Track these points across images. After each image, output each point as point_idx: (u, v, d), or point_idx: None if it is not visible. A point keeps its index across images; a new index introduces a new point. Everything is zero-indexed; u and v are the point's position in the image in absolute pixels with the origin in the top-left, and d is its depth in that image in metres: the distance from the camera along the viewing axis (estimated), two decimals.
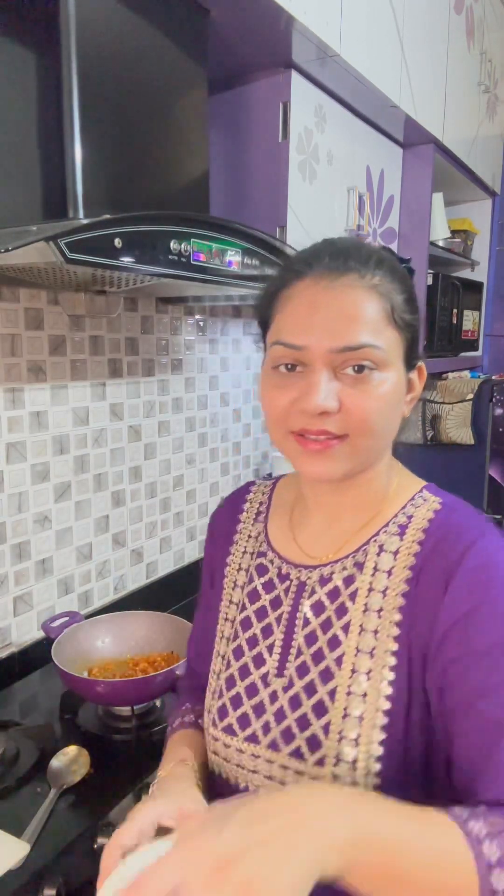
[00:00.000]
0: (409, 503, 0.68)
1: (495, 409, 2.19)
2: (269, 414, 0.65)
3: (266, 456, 2.08)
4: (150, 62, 1.09)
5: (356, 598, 0.65)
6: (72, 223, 0.82)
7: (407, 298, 0.64)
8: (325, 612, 0.66)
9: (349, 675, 0.62)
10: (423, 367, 0.68)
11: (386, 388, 0.61)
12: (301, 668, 0.65)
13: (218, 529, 0.81)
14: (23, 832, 0.84)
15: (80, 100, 0.98)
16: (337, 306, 0.60)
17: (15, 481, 1.28)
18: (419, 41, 1.73)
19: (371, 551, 0.66)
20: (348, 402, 0.60)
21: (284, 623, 0.68)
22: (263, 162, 1.44)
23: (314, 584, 0.68)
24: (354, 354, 0.60)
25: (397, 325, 0.62)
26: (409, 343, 0.64)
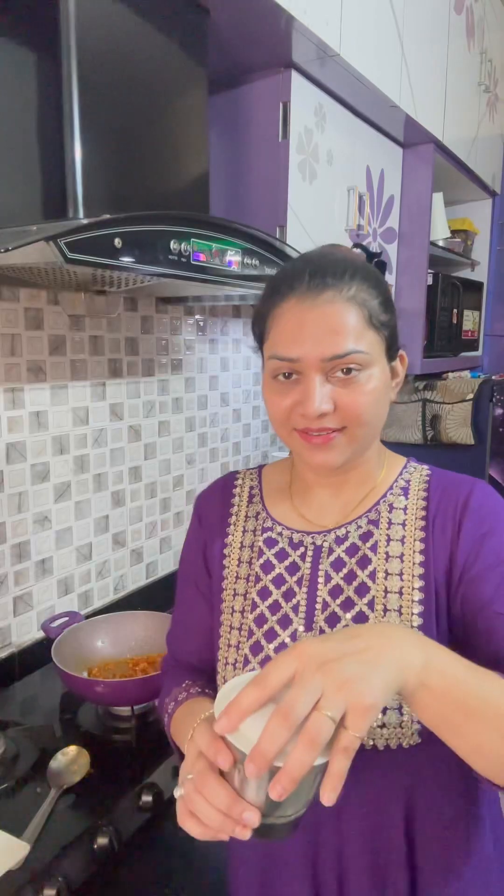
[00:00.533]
0: (403, 471, 0.80)
1: (495, 409, 2.19)
2: (273, 416, 0.74)
3: (266, 456, 2.08)
4: (150, 62, 1.09)
5: (377, 549, 0.74)
6: (72, 223, 0.82)
7: (382, 301, 0.72)
8: (346, 566, 0.75)
9: (382, 613, 0.71)
10: (403, 354, 0.77)
11: (373, 383, 0.71)
12: (331, 618, 0.73)
13: (209, 514, 0.86)
14: (23, 832, 0.84)
15: (80, 100, 0.98)
16: (321, 321, 0.69)
17: (15, 481, 1.28)
18: (419, 41, 1.73)
19: (383, 510, 0.77)
20: (342, 401, 0.69)
21: (306, 583, 0.76)
22: (263, 162, 1.44)
23: (330, 545, 0.77)
24: (342, 361, 0.69)
25: (376, 328, 0.71)
26: (388, 339, 0.73)
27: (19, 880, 0.78)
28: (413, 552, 0.73)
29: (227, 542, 0.82)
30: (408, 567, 0.72)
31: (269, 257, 1.17)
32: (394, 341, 0.74)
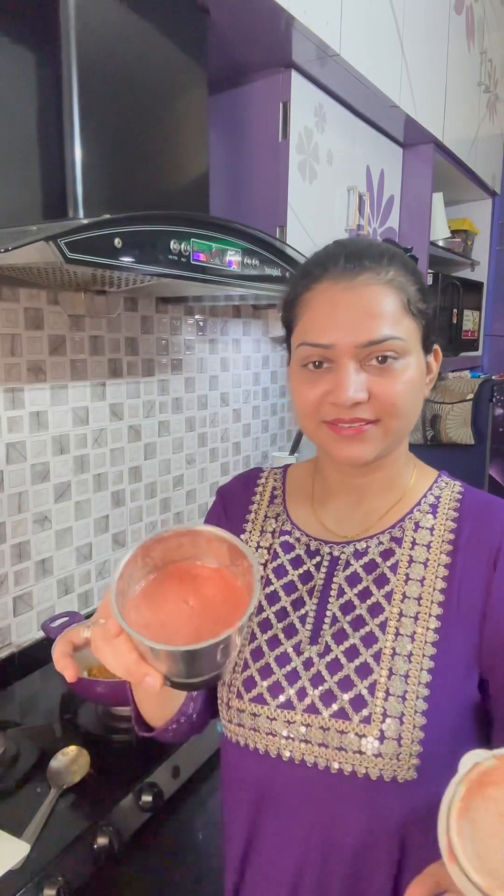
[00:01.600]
0: (433, 485, 0.74)
1: (495, 409, 2.19)
2: (300, 407, 0.69)
3: (266, 456, 2.08)
4: (150, 62, 1.09)
5: (397, 570, 0.70)
6: (72, 223, 0.82)
7: (420, 288, 0.68)
8: (361, 582, 0.70)
9: (393, 637, 0.66)
10: (438, 349, 0.73)
11: (409, 373, 0.66)
12: (339, 634, 0.69)
13: (230, 506, 0.83)
14: (23, 832, 0.85)
15: (80, 100, 0.98)
16: (357, 304, 0.64)
17: (15, 481, 1.28)
18: (419, 41, 1.73)
19: (408, 527, 0.71)
20: (377, 390, 0.65)
21: (317, 595, 0.72)
22: (263, 162, 1.44)
23: (348, 558, 0.72)
24: (378, 347, 0.64)
25: (413, 315, 0.67)
26: (424, 329, 0.69)
27: (19, 880, 0.78)
28: (435, 577, 0.68)
29: (242, 539, 0.78)
30: (427, 592, 0.67)
31: (269, 257, 1.17)
32: (430, 332, 0.70)
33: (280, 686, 0.68)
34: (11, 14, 0.99)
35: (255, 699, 0.69)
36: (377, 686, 0.64)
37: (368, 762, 0.63)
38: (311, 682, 0.67)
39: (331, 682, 0.66)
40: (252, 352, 1.96)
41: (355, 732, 0.64)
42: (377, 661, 0.66)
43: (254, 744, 0.68)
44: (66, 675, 0.62)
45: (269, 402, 2.07)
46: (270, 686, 0.68)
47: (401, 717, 0.63)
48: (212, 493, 1.85)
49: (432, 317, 0.70)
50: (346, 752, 0.64)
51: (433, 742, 0.62)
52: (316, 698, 0.66)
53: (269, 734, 0.67)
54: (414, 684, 0.63)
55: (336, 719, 0.65)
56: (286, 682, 0.68)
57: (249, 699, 0.69)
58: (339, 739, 0.64)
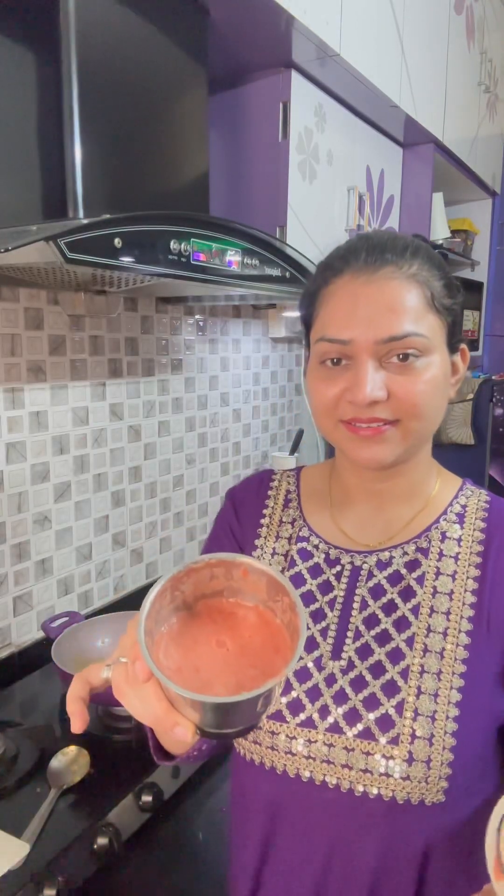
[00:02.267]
0: (459, 494, 0.71)
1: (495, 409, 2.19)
2: (317, 406, 0.66)
3: (266, 456, 2.08)
4: (150, 62, 1.09)
5: (424, 582, 0.66)
6: (72, 223, 0.82)
7: (446, 284, 0.65)
8: (386, 595, 0.67)
9: (421, 654, 0.63)
10: (465, 349, 0.69)
11: (432, 372, 0.63)
12: (363, 649, 0.65)
13: (242, 509, 0.79)
14: (23, 832, 0.84)
15: (80, 100, 0.98)
16: (378, 298, 0.61)
17: (15, 481, 1.28)
18: (419, 41, 1.73)
19: (434, 538, 0.68)
20: (397, 390, 0.62)
21: (339, 607, 0.68)
22: (263, 162, 1.44)
23: (371, 569, 0.69)
24: (399, 344, 0.61)
25: (438, 311, 0.64)
26: (450, 327, 0.66)
27: (19, 880, 0.78)
28: (464, 591, 0.64)
29: (256, 545, 0.75)
30: (456, 606, 0.64)
31: (269, 257, 1.17)
32: (456, 330, 0.66)
33: (300, 703, 0.65)
34: (11, 14, 0.99)
35: (274, 716, 0.65)
36: (405, 705, 0.61)
37: (396, 785, 0.60)
38: (335, 700, 0.64)
39: (355, 700, 0.63)
40: (252, 352, 1.96)
41: (382, 754, 0.60)
42: (405, 678, 0.62)
43: (270, 762, 0.66)
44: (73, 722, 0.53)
45: (269, 402, 2.07)
46: (290, 703, 0.65)
47: (430, 738, 0.60)
48: (212, 493, 1.85)
49: (459, 314, 0.67)
50: (372, 774, 0.61)
51: (463, 764, 0.59)
52: (339, 717, 0.63)
53: (288, 753, 0.64)
54: (444, 704, 0.60)
55: (361, 740, 0.61)
56: (307, 699, 0.65)
57: (267, 717, 0.66)
58: (365, 761, 0.61)
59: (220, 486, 1.89)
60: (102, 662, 0.56)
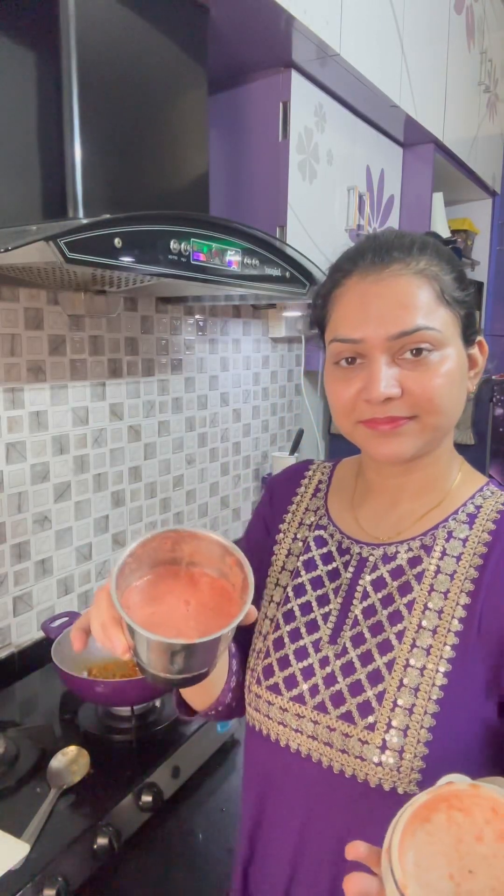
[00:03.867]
0: (477, 494, 0.70)
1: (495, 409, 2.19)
2: (335, 406, 0.68)
3: (266, 456, 2.08)
4: (150, 62, 1.09)
5: (422, 579, 0.67)
6: (72, 223, 0.82)
7: (456, 277, 0.65)
8: (386, 588, 0.68)
9: (409, 648, 0.64)
10: (483, 341, 0.69)
11: (447, 365, 0.63)
12: (357, 637, 0.68)
13: (276, 495, 0.83)
14: (23, 832, 0.85)
15: (79, 100, 0.98)
16: (387, 295, 0.63)
17: (15, 481, 1.28)
18: (419, 41, 1.73)
19: (440, 536, 0.68)
20: (411, 385, 0.62)
21: (343, 594, 0.70)
22: (263, 162, 1.44)
23: (377, 561, 0.70)
24: (410, 339, 0.62)
25: (449, 304, 0.64)
26: (464, 319, 0.66)
27: (19, 880, 0.78)
28: (460, 592, 0.64)
29: (280, 530, 0.79)
30: (450, 606, 0.64)
31: (269, 257, 1.17)
32: (471, 323, 0.67)
33: (295, 679, 0.68)
34: (11, 14, 0.99)
35: (271, 688, 0.69)
36: (385, 695, 0.63)
37: (369, 769, 0.62)
38: (325, 681, 0.67)
39: (342, 684, 0.66)
40: (252, 352, 1.96)
41: (359, 738, 0.63)
42: (389, 669, 0.64)
43: (266, 730, 0.70)
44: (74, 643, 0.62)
45: (269, 402, 2.07)
46: (286, 678, 0.69)
47: (406, 729, 0.61)
48: (212, 493, 1.86)
49: (473, 306, 0.67)
50: (348, 755, 0.63)
51: (438, 759, 0.60)
52: (326, 698, 0.66)
53: (280, 724, 0.68)
54: (423, 699, 0.62)
55: (342, 721, 0.64)
56: (301, 677, 0.68)
57: (266, 687, 0.70)
58: (343, 742, 0.64)
59: (220, 486, 1.89)
60: None
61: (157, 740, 1.06)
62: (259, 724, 0.71)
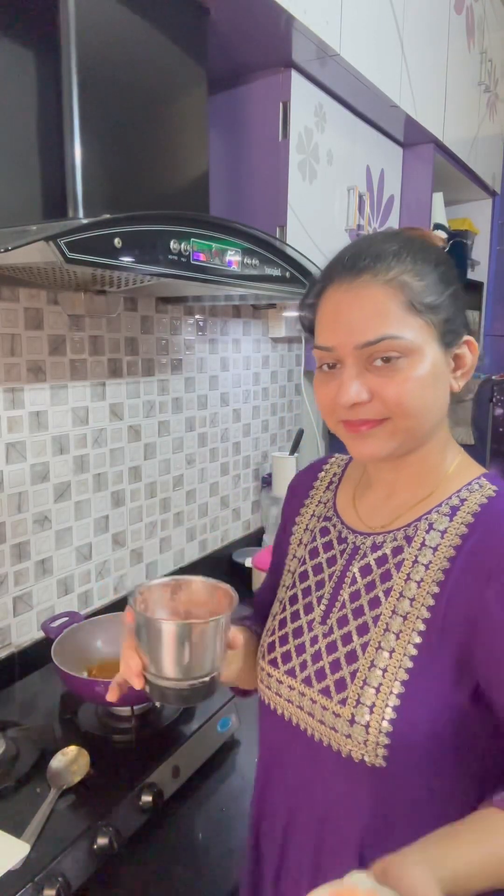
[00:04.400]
0: (464, 487, 0.71)
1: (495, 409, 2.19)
2: (320, 408, 0.73)
3: (266, 456, 2.08)
4: (150, 62, 1.09)
5: (401, 568, 0.70)
6: (72, 223, 0.82)
7: (431, 282, 0.67)
8: (371, 574, 0.73)
9: (382, 632, 0.69)
10: (470, 340, 0.71)
11: (418, 371, 0.66)
12: (342, 619, 0.73)
13: (294, 491, 0.89)
14: (23, 832, 0.85)
15: (79, 99, 0.98)
16: (356, 305, 0.66)
17: (15, 481, 1.28)
18: (419, 41, 1.73)
19: (421, 528, 0.71)
20: (381, 391, 0.66)
21: (336, 579, 0.76)
22: (263, 162, 1.44)
23: (366, 549, 0.75)
24: (376, 348, 0.65)
25: (420, 312, 0.66)
26: (442, 324, 0.67)
27: (19, 880, 0.78)
28: (431, 582, 0.67)
29: (296, 522, 0.85)
30: (421, 595, 0.67)
31: (269, 257, 1.17)
32: (452, 326, 0.68)
33: (290, 655, 0.75)
34: (11, 14, 0.99)
35: (272, 662, 0.76)
36: (358, 674, 0.68)
37: (341, 740, 0.67)
38: (312, 658, 0.73)
39: (325, 661, 0.72)
40: (252, 352, 1.96)
41: (333, 711, 0.69)
42: (363, 650, 0.69)
43: (269, 701, 0.77)
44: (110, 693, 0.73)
45: (269, 402, 2.07)
46: (284, 653, 0.76)
47: (372, 706, 0.66)
48: (212, 492, 1.85)
49: (453, 308, 0.68)
50: (325, 726, 0.69)
51: (403, 737, 0.64)
52: (312, 673, 0.72)
53: (277, 695, 0.75)
54: (390, 679, 0.66)
55: (322, 695, 0.70)
56: (295, 653, 0.75)
57: (268, 661, 0.77)
58: (322, 714, 0.69)
59: (220, 486, 1.89)
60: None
61: (157, 740, 1.06)
62: (264, 695, 0.78)
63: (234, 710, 1.16)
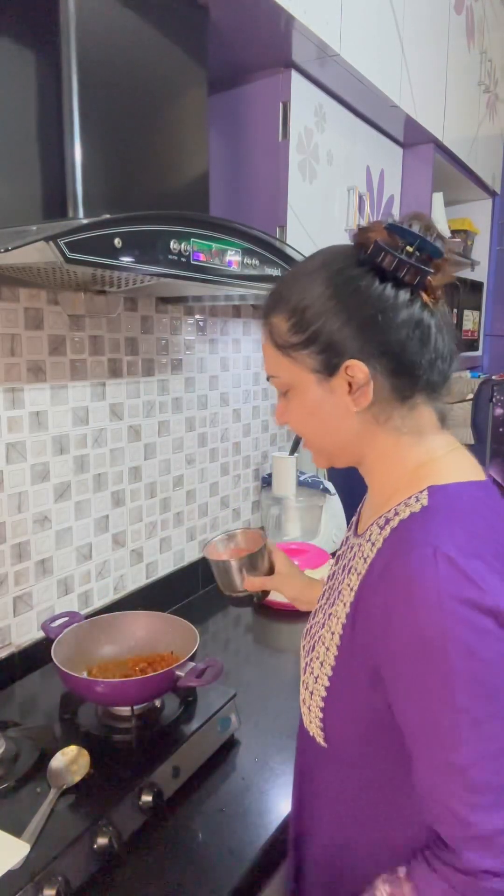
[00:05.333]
0: (404, 501, 0.69)
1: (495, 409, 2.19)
2: None
3: (266, 456, 2.08)
4: (150, 62, 1.09)
5: (349, 572, 0.74)
6: (72, 223, 0.82)
7: (295, 322, 0.70)
8: (342, 573, 0.77)
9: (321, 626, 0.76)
10: (354, 363, 0.68)
11: (298, 400, 0.73)
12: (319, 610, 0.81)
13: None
14: (23, 832, 0.84)
15: (79, 99, 0.98)
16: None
17: (15, 481, 1.28)
18: (419, 41, 1.73)
19: (365, 537, 0.73)
20: (287, 415, 0.77)
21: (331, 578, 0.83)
22: (263, 162, 1.44)
23: (347, 550, 0.80)
24: (271, 382, 0.76)
25: (284, 350, 0.72)
26: (314, 356, 0.69)
27: (19, 880, 0.78)
28: (351, 590, 0.70)
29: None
30: (346, 600, 0.71)
31: (269, 257, 1.17)
32: (327, 356, 0.68)
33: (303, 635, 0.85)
34: (11, 14, 0.99)
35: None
36: (310, 661, 0.76)
37: (303, 717, 0.78)
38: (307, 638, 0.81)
39: (306, 648, 0.80)
40: (252, 352, 1.96)
41: (300, 692, 0.79)
42: (313, 648, 0.77)
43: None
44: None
45: (269, 402, 2.07)
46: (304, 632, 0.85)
47: (312, 693, 0.74)
48: (212, 493, 1.86)
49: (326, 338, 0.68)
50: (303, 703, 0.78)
51: (332, 727, 0.72)
52: (302, 650, 0.82)
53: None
54: (324, 672, 0.73)
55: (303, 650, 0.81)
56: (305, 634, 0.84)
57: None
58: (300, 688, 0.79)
59: (220, 486, 1.89)
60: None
61: (157, 740, 1.06)
62: None
63: (234, 710, 1.16)
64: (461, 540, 0.61)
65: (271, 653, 1.48)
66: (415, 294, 0.67)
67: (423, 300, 0.67)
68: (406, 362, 0.68)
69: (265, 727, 1.19)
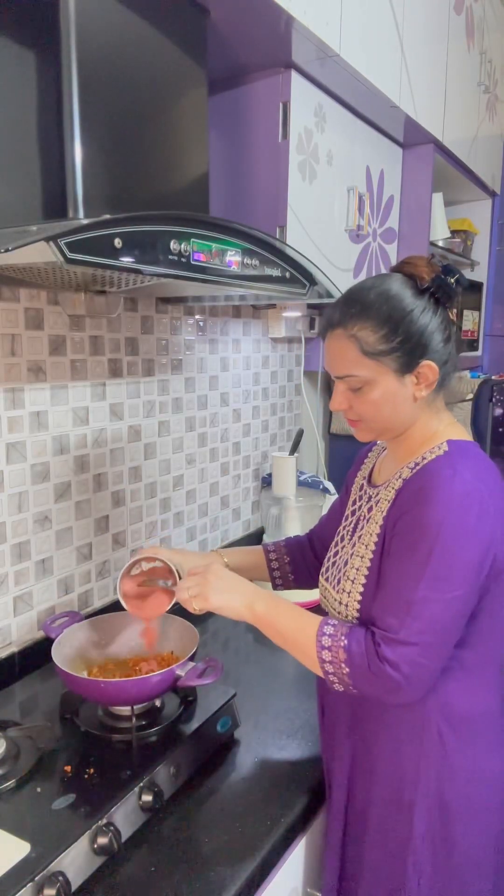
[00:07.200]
0: (429, 450, 0.94)
1: (495, 409, 2.19)
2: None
3: (266, 456, 2.08)
4: (150, 62, 1.09)
5: (378, 504, 0.98)
6: (72, 223, 0.82)
7: (385, 334, 0.90)
8: (368, 510, 1.01)
9: (359, 546, 0.99)
10: (428, 363, 0.92)
11: (375, 394, 0.93)
12: (348, 535, 1.04)
13: (358, 458, 1.17)
14: (23, 832, 0.85)
15: (80, 100, 0.98)
16: (330, 349, 0.95)
17: (15, 481, 1.28)
18: (419, 41, 1.73)
19: (389, 484, 0.98)
20: (354, 405, 0.96)
21: (355, 518, 1.04)
22: (263, 162, 1.44)
23: (370, 496, 1.02)
24: (342, 381, 0.95)
25: (372, 355, 0.91)
26: (397, 360, 0.91)
27: (19, 880, 0.78)
28: (382, 514, 0.95)
29: (354, 482, 1.12)
30: (378, 519, 0.96)
31: (269, 257, 1.17)
32: (406, 359, 0.91)
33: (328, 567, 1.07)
34: (11, 14, 0.99)
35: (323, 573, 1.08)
36: (347, 573, 0.99)
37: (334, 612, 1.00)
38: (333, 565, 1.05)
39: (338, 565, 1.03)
40: (252, 352, 1.96)
41: (333, 596, 1.01)
42: (350, 557, 1.00)
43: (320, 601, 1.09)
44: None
45: (269, 402, 2.07)
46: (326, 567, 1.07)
47: (349, 592, 0.97)
48: (212, 492, 1.86)
49: (406, 345, 0.90)
50: (327, 601, 1.03)
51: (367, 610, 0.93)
52: (332, 573, 1.04)
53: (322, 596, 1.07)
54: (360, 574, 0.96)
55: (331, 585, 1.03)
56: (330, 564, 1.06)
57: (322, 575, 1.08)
58: (330, 597, 1.02)
59: (220, 486, 1.89)
60: None
61: (157, 740, 1.06)
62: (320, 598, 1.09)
63: (234, 710, 1.16)
64: (475, 469, 0.90)
65: (271, 652, 1.48)
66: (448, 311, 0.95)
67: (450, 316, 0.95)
68: (449, 361, 0.95)
69: (265, 727, 1.19)
